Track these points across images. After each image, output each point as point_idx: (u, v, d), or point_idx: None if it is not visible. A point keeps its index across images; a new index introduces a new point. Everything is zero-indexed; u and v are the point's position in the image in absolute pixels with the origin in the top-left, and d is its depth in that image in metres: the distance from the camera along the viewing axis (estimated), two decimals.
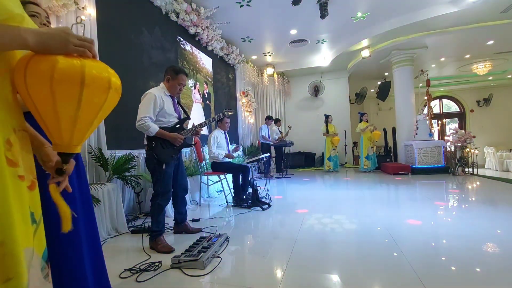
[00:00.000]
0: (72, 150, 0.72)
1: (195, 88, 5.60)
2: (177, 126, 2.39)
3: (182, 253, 1.93)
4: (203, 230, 2.67)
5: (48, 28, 0.67)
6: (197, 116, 5.48)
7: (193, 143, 2.50)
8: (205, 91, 6.06)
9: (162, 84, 2.42)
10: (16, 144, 0.65)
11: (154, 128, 2.22)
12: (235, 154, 4.41)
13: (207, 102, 6.10)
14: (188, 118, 2.53)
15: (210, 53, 6.31)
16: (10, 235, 0.57)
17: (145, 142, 2.32)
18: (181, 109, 2.54)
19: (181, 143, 2.34)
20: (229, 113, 2.85)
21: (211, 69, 6.37)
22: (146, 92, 2.30)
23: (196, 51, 5.74)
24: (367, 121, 7.44)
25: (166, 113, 2.33)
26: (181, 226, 2.65)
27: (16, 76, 0.64)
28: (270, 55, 8.00)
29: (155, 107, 2.24)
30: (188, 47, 5.40)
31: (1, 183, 0.58)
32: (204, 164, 4.35)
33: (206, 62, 6.15)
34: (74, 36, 0.65)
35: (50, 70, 0.61)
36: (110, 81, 0.69)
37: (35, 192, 0.69)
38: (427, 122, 6.78)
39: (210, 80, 6.31)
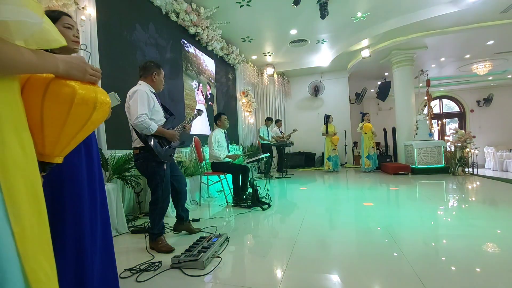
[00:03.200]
0: (56, 160, 0.81)
1: (198, 90, 5.65)
2: (167, 124, 2.30)
3: (182, 253, 1.93)
4: (203, 230, 2.67)
5: (69, 56, 0.77)
6: (200, 117, 5.51)
7: (182, 141, 2.41)
8: (208, 93, 6.11)
9: (142, 82, 2.27)
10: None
11: (154, 125, 2.11)
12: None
13: (209, 103, 6.15)
14: (173, 115, 2.41)
15: (213, 55, 6.36)
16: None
17: (136, 145, 2.17)
18: (163, 107, 2.40)
19: (178, 141, 2.28)
20: (200, 111, 2.68)
21: (213, 71, 6.43)
22: (135, 90, 2.15)
23: (200, 53, 5.81)
24: (369, 121, 7.40)
25: (156, 111, 2.22)
26: (185, 225, 2.58)
27: (32, 95, 0.71)
28: (270, 55, 8.00)
29: (149, 103, 2.14)
30: (191, 49, 5.48)
31: (40, 185, 0.65)
32: (204, 164, 4.35)
33: (208, 64, 6.21)
34: (89, 66, 0.79)
35: (72, 94, 0.72)
36: (109, 105, 0.84)
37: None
38: (427, 122, 6.78)
39: (212, 81, 6.37)
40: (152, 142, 2.13)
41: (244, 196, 3.83)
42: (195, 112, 2.71)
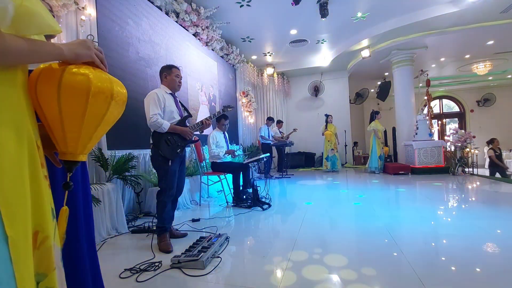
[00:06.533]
0: (80, 158, 0.74)
1: (201, 91, 5.69)
2: (180, 123, 2.44)
3: (182, 253, 1.93)
4: (203, 230, 2.67)
5: (68, 42, 0.71)
6: (204, 117, 5.56)
7: (195, 139, 2.56)
8: (210, 94, 6.12)
9: (161, 85, 2.50)
10: (41, 146, 0.67)
11: (167, 124, 2.30)
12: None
13: (212, 103, 6.18)
14: (190, 115, 2.56)
15: (214, 56, 6.38)
16: (48, 231, 0.62)
17: (151, 141, 2.36)
18: (182, 107, 2.58)
19: (191, 138, 2.41)
20: (228, 109, 2.90)
21: (216, 72, 6.46)
22: (148, 94, 2.38)
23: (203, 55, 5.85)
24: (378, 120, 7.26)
25: (169, 111, 2.39)
26: None
27: (47, 87, 0.65)
28: (270, 55, 8.00)
29: (159, 103, 2.33)
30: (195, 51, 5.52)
31: (39, 185, 0.61)
32: (204, 164, 4.35)
33: (212, 66, 6.25)
34: (90, 42, 0.70)
35: (87, 82, 0.65)
36: (126, 96, 0.76)
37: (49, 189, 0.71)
38: (427, 122, 6.77)
39: (215, 82, 6.39)
40: (159, 141, 2.29)
41: (244, 196, 3.83)
42: (220, 109, 2.90)
